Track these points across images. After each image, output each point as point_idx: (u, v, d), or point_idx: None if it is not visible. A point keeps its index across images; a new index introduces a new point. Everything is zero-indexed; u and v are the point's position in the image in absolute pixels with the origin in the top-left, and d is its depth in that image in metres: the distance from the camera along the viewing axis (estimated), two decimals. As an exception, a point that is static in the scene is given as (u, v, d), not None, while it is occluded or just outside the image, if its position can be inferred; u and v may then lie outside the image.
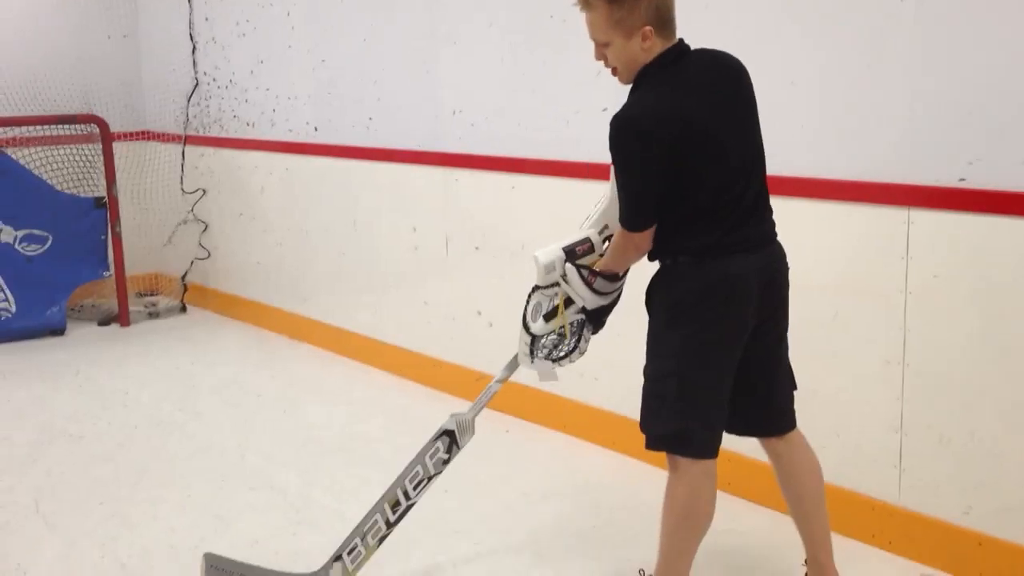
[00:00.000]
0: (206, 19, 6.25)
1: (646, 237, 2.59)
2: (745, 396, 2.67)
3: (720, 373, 2.60)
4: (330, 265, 5.56)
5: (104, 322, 6.34)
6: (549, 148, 4.15)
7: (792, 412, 2.80)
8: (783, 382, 2.78)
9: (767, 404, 2.77)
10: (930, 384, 3.04)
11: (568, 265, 2.73)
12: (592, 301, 2.75)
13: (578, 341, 2.82)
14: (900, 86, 3.00)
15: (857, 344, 3.19)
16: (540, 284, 2.78)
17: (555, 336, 2.81)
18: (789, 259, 2.69)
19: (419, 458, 2.94)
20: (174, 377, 5.28)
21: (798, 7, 3.24)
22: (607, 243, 2.77)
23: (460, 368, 4.70)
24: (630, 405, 2.80)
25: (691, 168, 2.50)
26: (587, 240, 2.77)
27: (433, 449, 2.93)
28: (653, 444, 2.66)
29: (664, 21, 2.54)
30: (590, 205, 2.86)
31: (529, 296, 2.82)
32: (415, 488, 2.91)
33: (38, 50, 6.40)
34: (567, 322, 2.79)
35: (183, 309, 6.64)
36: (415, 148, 4.83)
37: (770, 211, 2.66)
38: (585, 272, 2.72)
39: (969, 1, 2.84)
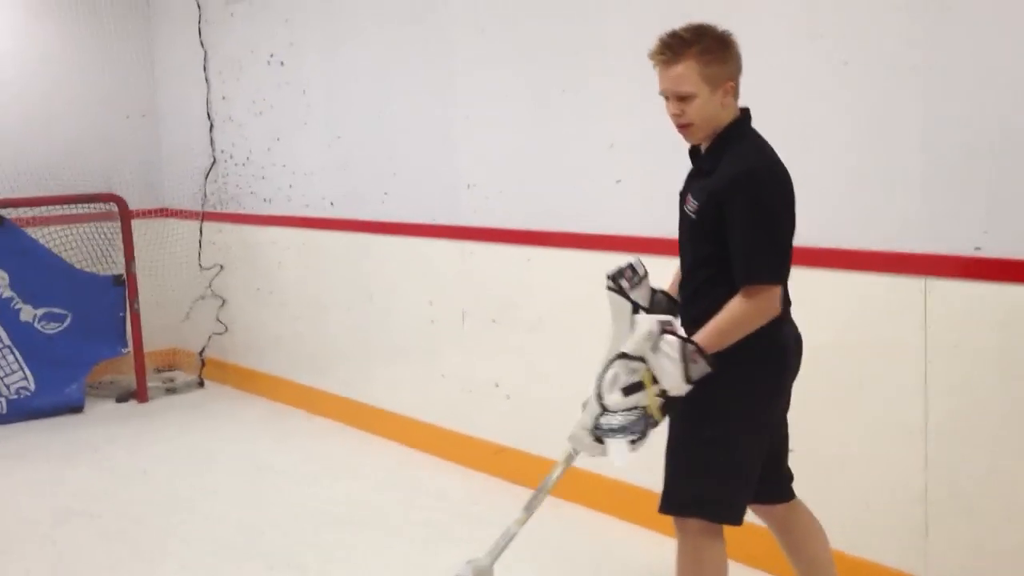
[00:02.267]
0: (223, 98, 6.35)
1: (778, 296, 2.47)
2: (769, 462, 2.66)
3: (764, 439, 2.59)
4: (348, 338, 5.58)
5: (122, 399, 6.35)
6: (565, 220, 4.18)
7: (792, 479, 2.81)
8: (787, 449, 2.79)
9: (778, 471, 2.77)
10: (955, 452, 3.01)
11: (669, 336, 2.46)
12: (678, 386, 2.45)
13: (649, 424, 2.50)
14: (913, 156, 3.02)
15: (880, 412, 3.17)
16: (630, 352, 2.48)
17: (624, 416, 2.48)
18: (813, 327, 2.69)
19: None
20: (192, 454, 5.27)
21: (813, 79, 3.28)
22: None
23: (478, 441, 4.68)
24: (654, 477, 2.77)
25: (792, 229, 2.54)
26: (672, 322, 2.53)
27: None
28: (682, 508, 2.59)
29: (739, 81, 2.58)
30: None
31: (608, 364, 2.53)
32: None
33: (58, 130, 6.51)
34: (650, 400, 2.47)
35: (201, 384, 6.66)
36: (430, 222, 4.87)
37: None
38: (690, 348, 2.44)
39: (980, 72, 2.87)
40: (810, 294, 2.93)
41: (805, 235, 3.19)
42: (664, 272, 2.86)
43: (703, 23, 2.56)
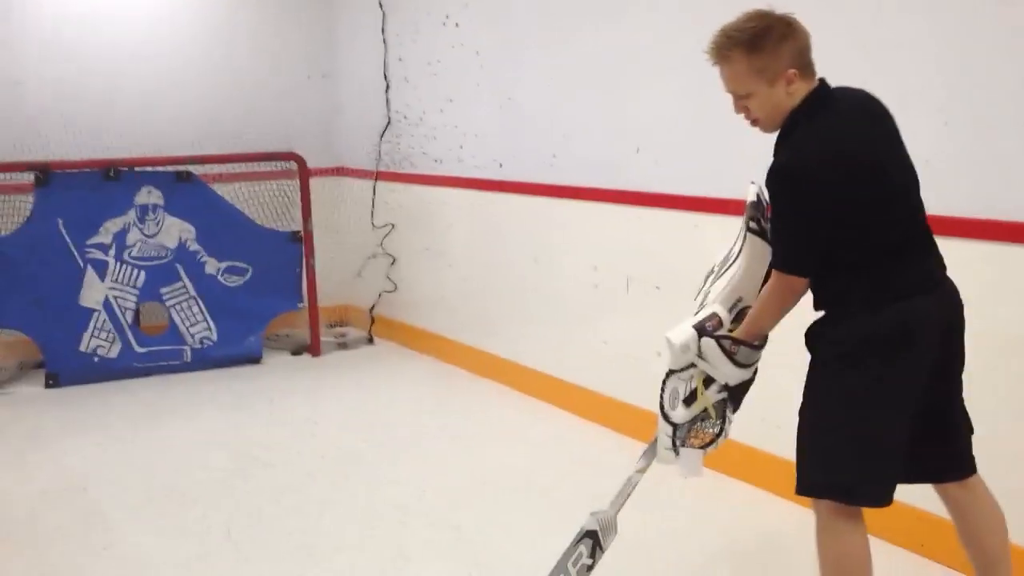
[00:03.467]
0: (399, 59, 6.44)
1: (805, 283, 2.51)
2: (921, 441, 2.55)
3: (896, 422, 2.49)
4: (513, 301, 5.61)
5: (297, 352, 6.60)
6: (733, 187, 4.04)
7: (971, 457, 2.66)
8: (959, 425, 2.66)
9: (943, 449, 2.64)
10: None
11: (705, 340, 2.59)
12: (735, 376, 2.62)
13: (724, 423, 2.64)
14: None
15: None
16: (674, 368, 2.65)
17: (696, 423, 2.63)
18: (998, 309, 2.53)
19: (560, 566, 2.79)
20: (361, 409, 5.43)
21: (1006, 48, 3.06)
22: (736, 320, 2.65)
23: (639, 410, 4.63)
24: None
25: (860, 209, 2.43)
26: (715, 315, 2.64)
27: (576, 555, 2.78)
28: (815, 491, 2.56)
29: (806, 62, 2.50)
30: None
31: (663, 384, 2.69)
32: None
33: (241, 90, 6.77)
34: (711, 403, 2.62)
35: (370, 341, 6.84)
36: (597, 186, 4.82)
37: (936, 247, 2.56)
38: (727, 343, 2.58)
39: None
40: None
41: (996, 209, 3.02)
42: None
43: (758, 11, 2.48)
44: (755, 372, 2.67)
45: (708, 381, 2.62)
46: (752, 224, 2.71)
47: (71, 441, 4.95)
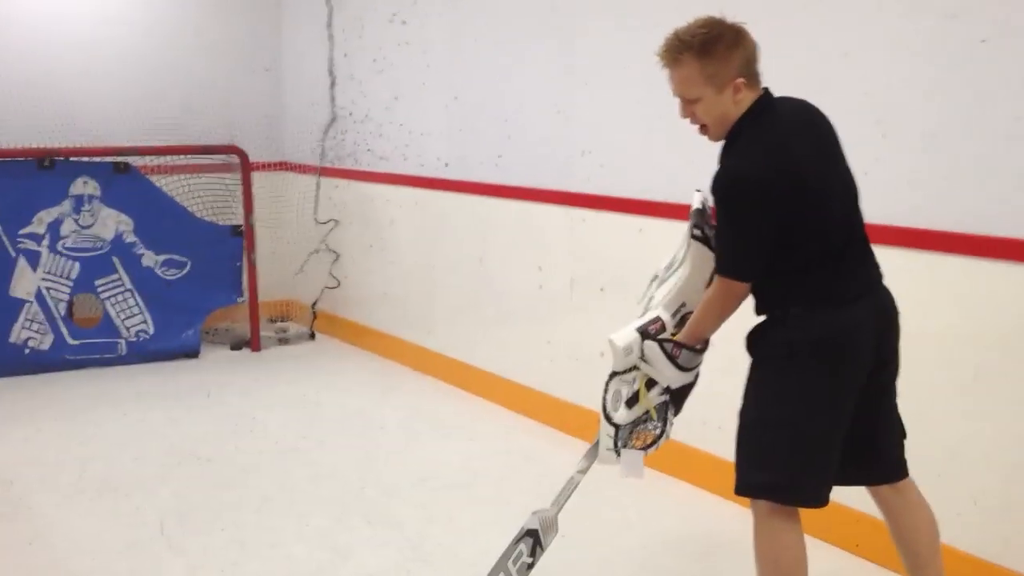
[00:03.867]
0: (345, 55, 6.40)
1: (747, 288, 2.55)
2: (855, 444, 2.60)
3: (833, 424, 2.54)
4: (456, 299, 5.60)
5: (236, 346, 6.52)
6: (677, 191, 4.08)
7: (903, 461, 2.72)
8: (892, 430, 2.71)
9: (875, 452, 2.69)
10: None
11: (648, 343, 2.63)
12: (677, 379, 2.66)
13: (665, 424, 2.68)
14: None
15: (1001, 406, 3.02)
16: (618, 369, 2.68)
17: (638, 425, 2.66)
18: (927, 312, 2.59)
19: (500, 564, 2.80)
20: (301, 404, 5.38)
21: (943, 60, 3.12)
22: (679, 325, 2.69)
23: (582, 409, 4.65)
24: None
25: (801, 218, 2.47)
26: (658, 319, 2.67)
27: (516, 553, 2.79)
28: (752, 491, 2.60)
29: (753, 72, 2.54)
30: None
31: (606, 385, 2.72)
32: None
33: (185, 82, 6.69)
34: (653, 405, 2.65)
35: (312, 336, 6.78)
36: (543, 187, 4.83)
37: (873, 255, 2.61)
38: (669, 346, 2.62)
39: None
40: (937, 277, 2.81)
41: (934, 218, 3.08)
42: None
43: (710, 18, 2.51)
44: (696, 376, 2.71)
45: (650, 383, 2.65)
46: (696, 231, 2.76)
47: (-2, 433, 4.86)
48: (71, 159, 6.02)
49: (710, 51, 2.47)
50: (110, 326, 6.11)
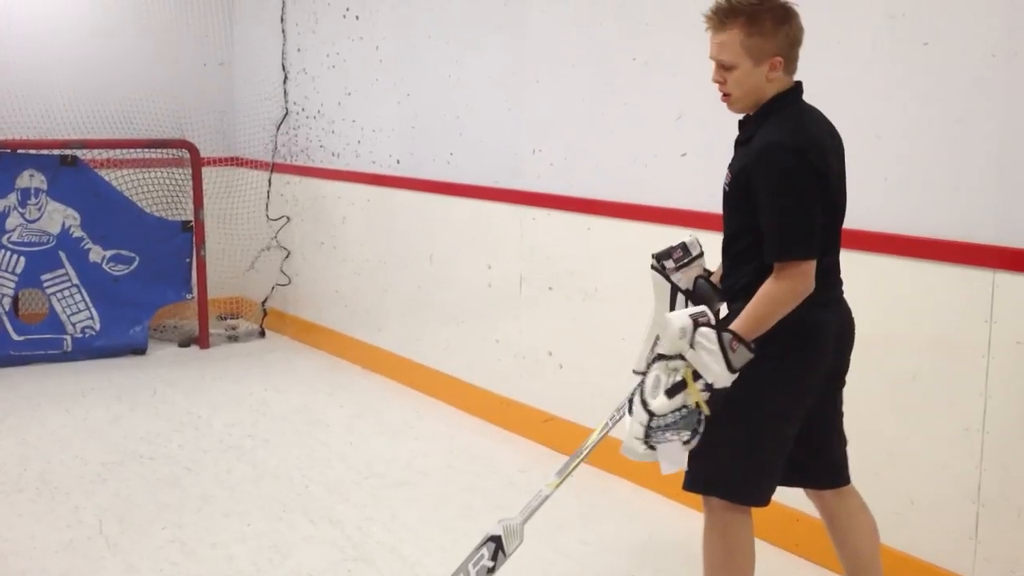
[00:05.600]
0: (298, 50, 6.35)
1: (812, 272, 2.40)
2: (801, 447, 2.60)
3: (786, 426, 2.55)
4: (406, 297, 5.57)
5: (184, 343, 6.45)
6: (627, 191, 4.10)
7: (846, 467, 2.72)
8: (838, 435, 2.72)
9: (821, 456, 2.69)
10: (1010, 454, 2.89)
11: (704, 329, 2.37)
12: (723, 377, 2.37)
13: (700, 419, 2.41)
14: (989, 145, 2.89)
15: (936, 407, 3.06)
16: (666, 352, 2.42)
17: (675, 417, 2.39)
18: (871, 313, 2.60)
19: (463, 567, 2.77)
20: (247, 402, 5.33)
21: (886, 59, 3.15)
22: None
23: (529, 408, 4.65)
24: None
25: (827, 210, 2.46)
26: (706, 312, 2.43)
27: (477, 556, 2.75)
28: (703, 487, 2.59)
29: (793, 55, 2.51)
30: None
31: (645, 372, 2.48)
32: None
33: (135, 75, 6.59)
34: (696, 398, 2.38)
35: (262, 334, 6.73)
36: (493, 185, 4.82)
37: (839, 271, 2.62)
38: (728, 337, 2.36)
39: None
40: (877, 278, 2.83)
41: (874, 219, 3.11)
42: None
43: None
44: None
45: (695, 376, 2.41)
46: (653, 262, 2.73)
47: (-62, 429, 4.77)
48: (18, 151, 5.93)
49: (758, 22, 2.43)
50: (56, 322, 6.02)
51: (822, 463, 2.69)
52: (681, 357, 2.39)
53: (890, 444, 3.16)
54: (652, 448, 2.43)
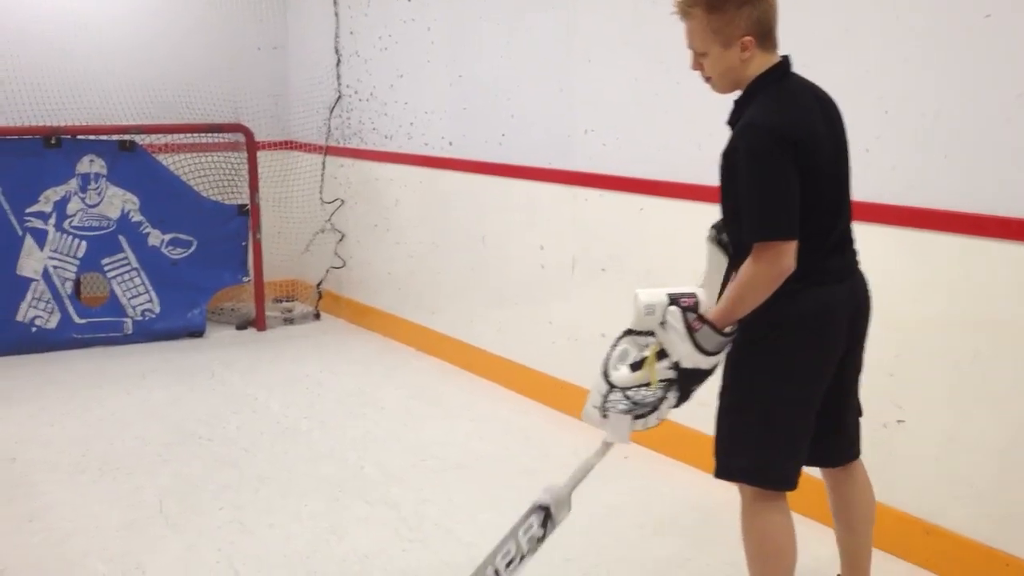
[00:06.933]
0: (351, 33, 6.37)
1: (790, 253, 2.37)
2: (821, 426, 2.58)
3: (808, 405, 2.53)
4: (459, 279, 5.58)
5: (242, 326, 6.53)
6: (679, 171, 4.06)
7: (858, 442, 2.72)
8: (853, 412, 2.72)
9: (838, 435, 2.68)
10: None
11: (672, 308, 2.43)
12: (690, 357, 2.43)
13: (661, 400, 2.49)
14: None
15: (1000, 391, 2.99)
16: (634, 327, 2.48)
17: (635, 392, 2.46)
18: (929, 294, 2.55)
19: (512, 534, 2.73)
20: (303, 384, 5.38)
21: (944, 34, 3.07)
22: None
23: (582, 390, 4.61)
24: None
25: (808, 191, 2.41)
26: (693, 295, 2.47)
27: (527, 525, 2.71)
28: (730, 474, 2.59)
29: (765, 33, 2.49)
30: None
31: (616, 342, 2.54)
32: (507, 567, 2.68)
33: (190, 60, 6.66)
34: (656, 376, 2.45)
35: (317, 316, 6.79)
36: (546, 166, 4.80)
37: (853, 242, 2.59)
38: (691, 316, 2.43)
39: None
40: (936, 258, 2.77)
41: (931, 197, 3.04)
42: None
43: None
44: (715, 365, 2.53)
45: (662, 355, 2.47)
46: (713, 232, 2.67)
47: (2, 411, 4.87)
48: (78, 137, 6.02)
49: (718, 7, 2.44)
50: (116, 305, 6.13)
51: (835, 440, 2.68)
52: (652, 334, 2.45)
53: (943, 424, 3.10)
54: (605, 417, 2.50)
